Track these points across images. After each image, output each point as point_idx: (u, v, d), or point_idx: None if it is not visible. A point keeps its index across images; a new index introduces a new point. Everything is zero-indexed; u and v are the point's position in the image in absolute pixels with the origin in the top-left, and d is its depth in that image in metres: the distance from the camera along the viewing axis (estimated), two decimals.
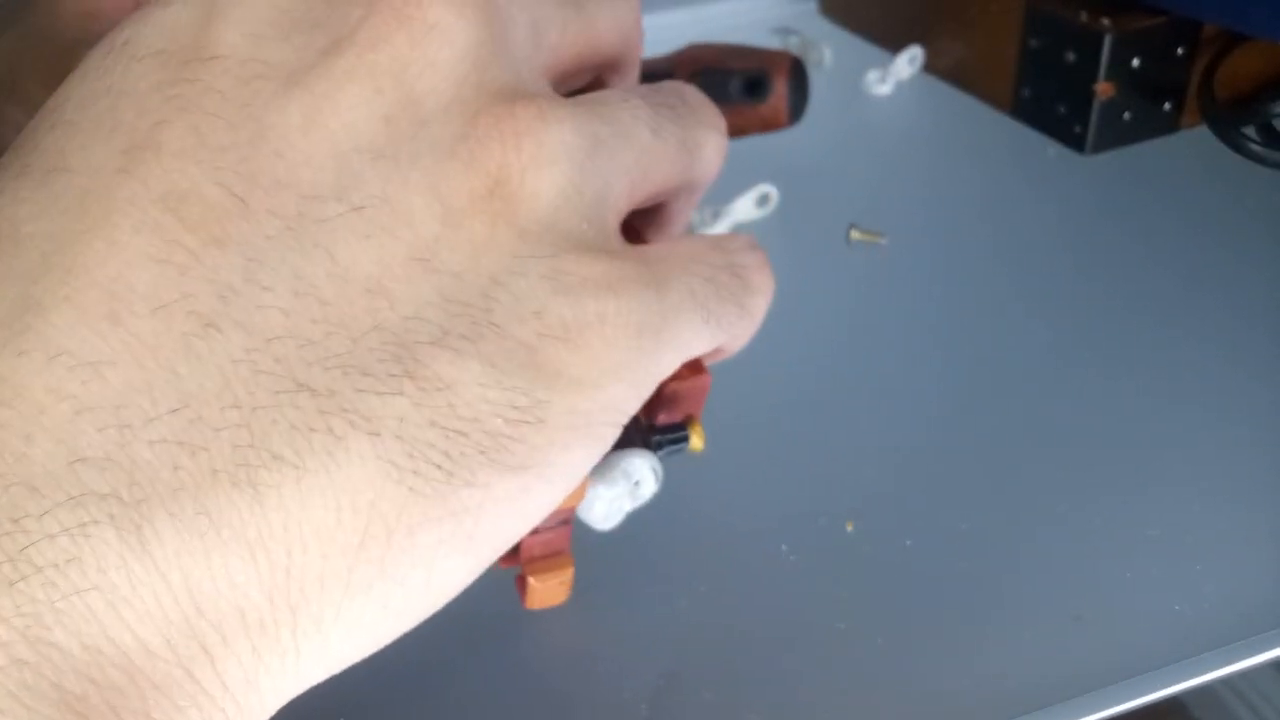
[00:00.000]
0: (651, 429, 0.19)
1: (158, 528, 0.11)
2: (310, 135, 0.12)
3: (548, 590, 0.21)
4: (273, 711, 0.13)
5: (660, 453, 0.19)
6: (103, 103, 0.13)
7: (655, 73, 0.41)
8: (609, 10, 0.17)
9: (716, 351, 0.19)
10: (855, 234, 0.37)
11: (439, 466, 0.12)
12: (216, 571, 0.11)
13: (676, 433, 0.19)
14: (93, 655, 0.11)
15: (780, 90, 0.39)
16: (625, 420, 0.14)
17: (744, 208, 0.39)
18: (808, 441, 0.29)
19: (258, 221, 0.12)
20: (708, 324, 0.15)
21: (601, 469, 0.18)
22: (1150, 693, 0.22)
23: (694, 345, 0.15)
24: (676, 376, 0.19)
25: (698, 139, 0.17)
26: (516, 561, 0.21)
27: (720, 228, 0.38)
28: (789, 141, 0.42)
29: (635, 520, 0.27)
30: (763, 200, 0.40)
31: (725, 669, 0.23)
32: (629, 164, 0.15)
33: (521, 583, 0.21)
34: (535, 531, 0.20)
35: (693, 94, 0.17)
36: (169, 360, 0.11)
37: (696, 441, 0.19)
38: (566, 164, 0.13)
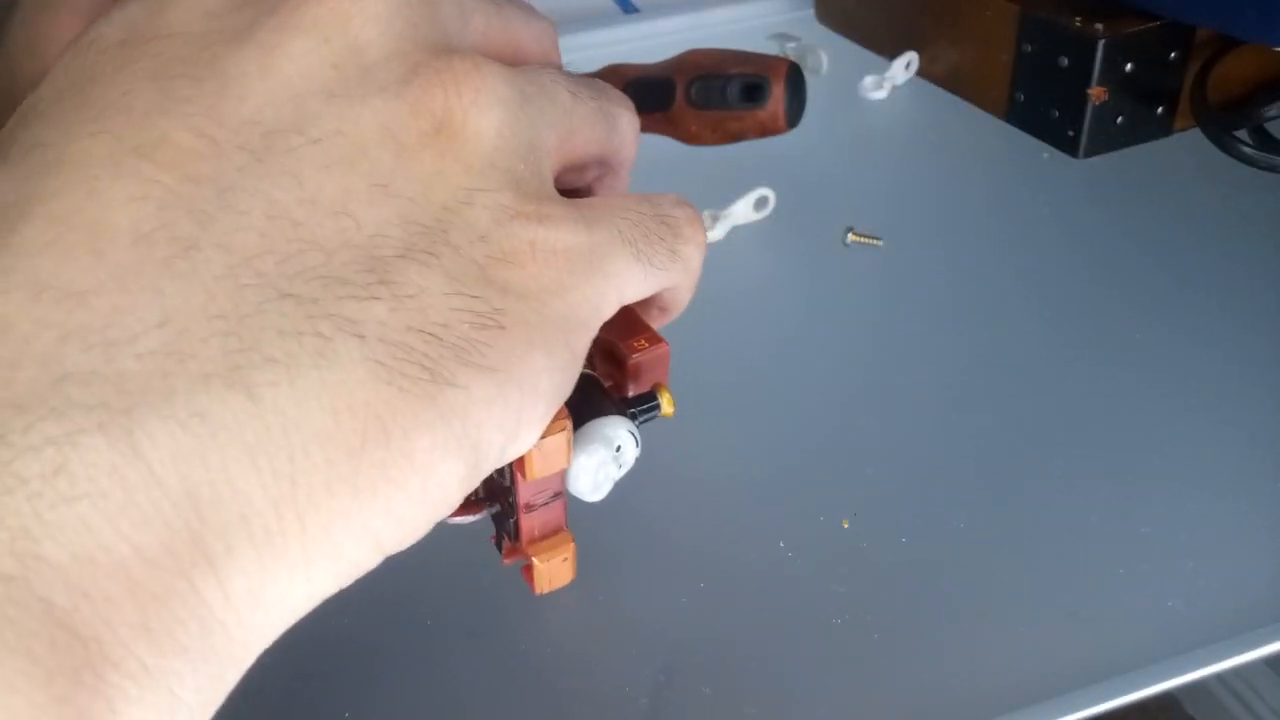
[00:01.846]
0: (624, 402, 0.20)
1: (151, 431, 0.11)
2: (268, 80, 0.14)
3: (553, 570, 0.21)
4: (284, 625, 0.12)
5: (635, 423, 0.20)
6: (73, 89, 0.14)
7: (654, 78, 0.41)
8: (530, 26, 0.18)
9: (662, 310, 0.20)
10: (852, 237, 0.37)
11: (422, 366, 0.13)
12: (216, 475, 0.11)
13: (648, 402, 0.20)
14: (85, 567, 0.10)
15: (778, 95, 0.39)
16: (578, 343, 0.15)
17: (742, 211, 0.39)
18: (806, 440, 0.29)
19: (228, 156, 0.13)
20: (639, 261, 0.16)
21: (582, 439, 0.19)
22: (1143, 688, 0.22)
23: (629, 278, 0.16)
24: (637, 349, 0.20)
25: (613, 110, 0.18)
26: (520, 553, 0.21)
27: (719, 230, 0.39)
28: (786, 146, 0.42)
29: (636, 518, 0.27)
30: (761, 203, 0.40)
31: (724, 664, 0.23)
32: (554, 119, 0.16)
33: (528, 571, 0.22)
34: (531, 509, 0.20)
35: (601, 80, 0.19)
36: (152, 281, 0.12)
37: (667, 407, 0.20)
38: (502, 110, 0.15)
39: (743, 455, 0.29)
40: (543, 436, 0.16)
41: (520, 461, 0.18)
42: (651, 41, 0.58)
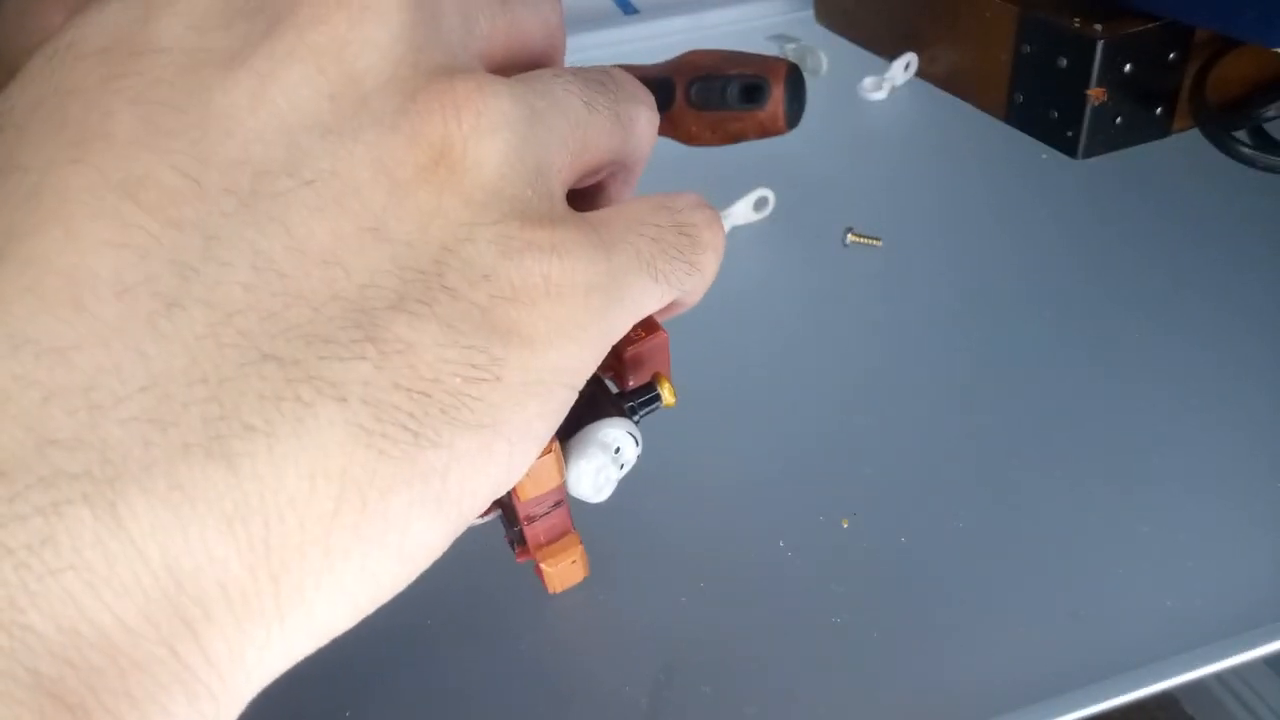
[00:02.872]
0: (623, 395, 0.20)
1: (132, 503, 0.11)
2: (258, 114, 0.13)
3: (563, 572, 0.21)
4: (261, 685, 0.12)
5: (636, 417, 0.19)
6: (50, 103, 0.13)
7: (654, 79, 0.41)
8: (534, 10, 0.17)
9: (672, 306, 0.19)
10: (852, 237, 0.38)
11: (405, 428, 0.12)
12: (194, 546, 0.11)
13: (648, 394, 0.20)
14: (69, 637, 0.10)
15: (778, 96, 0.39)
16: (580, 382, 0.14)
17: (742, 211, 0.39)
18: (806, 440, 0.29)
19: (213, 201, 0.12)
20: (657, 282, 0.15)
21: (579, 445, 0.19)
22: (1142, 687, 0.22)
23: (645, 303, 0.15)
24: (634, 340, 0.19)
25: (630, 113, 0.17)
26: (530, 554, 0.22)
27: None
28: (786, 147, 0.42)
29: (636, 518, 0.27)
30: (761, 204, 0.40)
31: (724, 663, 0.23)
32: (565, 134, 0.15)
33: (540, 572, 0.22)
34: (532, 520, 0.20)
35: (619, 73, 0.17)
36: (135, 341, 0.11)
37: (668, 397, 0.20)
38: (508, 133, 0.14)
39: (743, 455, 0.29)
40: None
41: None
42: (651, 42, 0.58)
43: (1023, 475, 0.27)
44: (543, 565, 0.21)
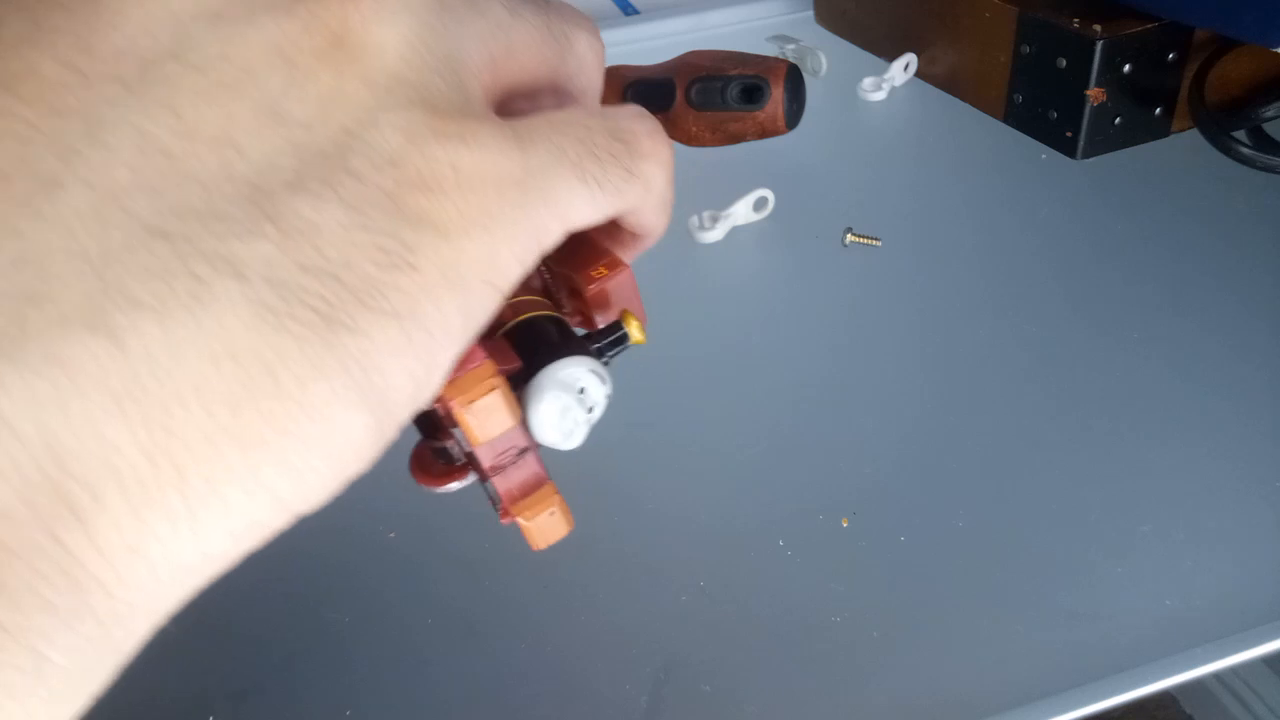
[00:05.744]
0: (589, 337, 0.19)
1: (3, 378, 0.10)
2: (145, 5, 0.13)
3: (543, 525, 0.20)
4: (179, 589, 0.12)
5: (604, 358, 0.18)
6: None
7: (655, 79, 0.42)
8: None
9: (634, 237, 0.18)
10: (851, 237, 0.38)
11: (315, 310, 0.12)
12: (77, 423, 0.11)
13: (615, 333, 0.19)
14: None
15: (777, 97, 0.39)
16: (502, 281, 0.14)
17: (742, 211, 0.40)
18: (806, 439, 0.29)
19: (98, 89, 0.12)
20: (585, 184, 0.15)
21: (538, 387, 0.17)
22: (1141, 687, 0.22)
23: (575, 205, 0.15)
24: (596, 277, 0.18)
25: (565, 30, 0.17)
26: (510, 515, 0.21)
27: (719, 231, 0.39)
28: (786, 147, 0.42)
29: (636, 516, 0.27)
30: (760, 204, 0.40)
31: (723, 661, 0.23)
32: (483, 34, 0.15)
33: (523, 529, 0.21)
34: (498, 470, 0.20)
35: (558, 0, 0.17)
36: (11, 222, 0.11)
37: (636, 334, 0.19)
38: (410, 17, 0.14)
39: (743, 454, 0.29)
40: (471, 400, 0.15)
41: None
42: (652, 43, 0.58)
43: (1022, 475, 0.28)
44: (520, 520, 0.20)
